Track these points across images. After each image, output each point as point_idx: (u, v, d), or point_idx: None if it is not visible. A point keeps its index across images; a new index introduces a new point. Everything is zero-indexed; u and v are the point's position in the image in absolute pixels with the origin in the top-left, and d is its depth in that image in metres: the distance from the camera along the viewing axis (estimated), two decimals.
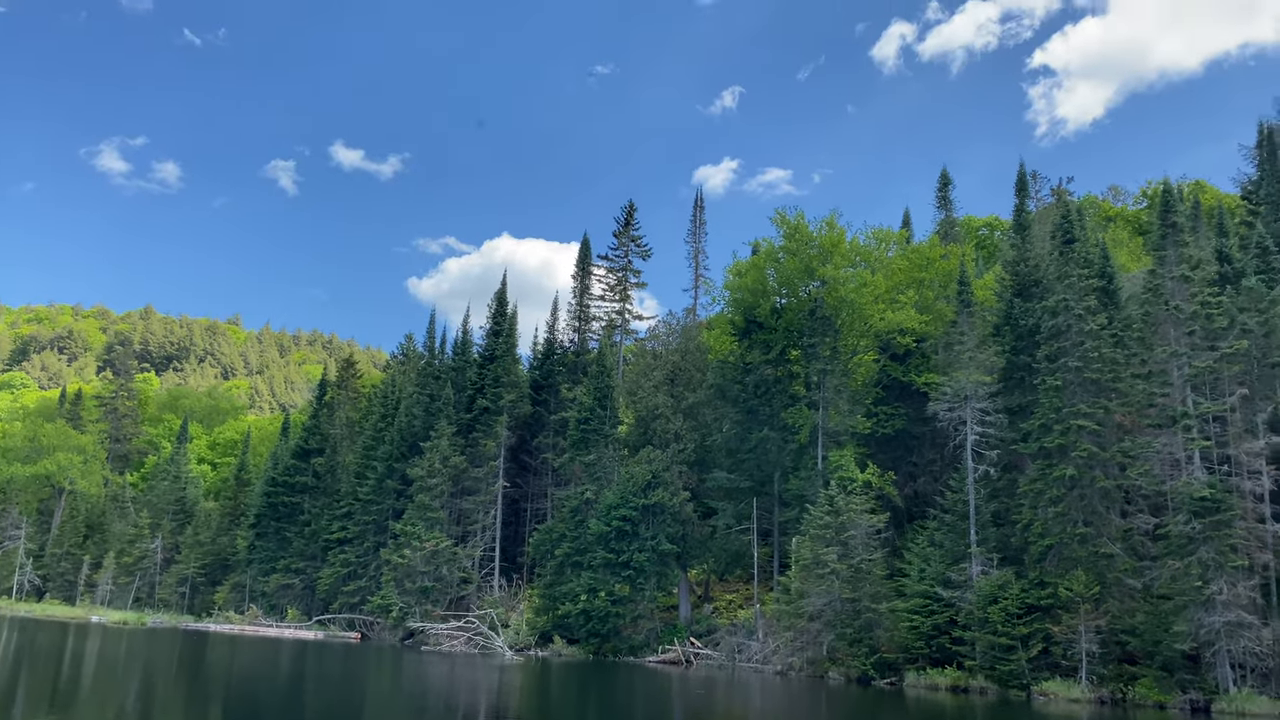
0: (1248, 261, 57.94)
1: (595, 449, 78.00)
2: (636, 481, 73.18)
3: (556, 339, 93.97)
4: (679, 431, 76.91)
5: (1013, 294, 66.20)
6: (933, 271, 74.08)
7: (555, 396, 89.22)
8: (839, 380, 68.18)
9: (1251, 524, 48.33)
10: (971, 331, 60.33)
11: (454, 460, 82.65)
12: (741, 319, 75.13)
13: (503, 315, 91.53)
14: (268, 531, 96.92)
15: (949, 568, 55.89)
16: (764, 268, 75.11)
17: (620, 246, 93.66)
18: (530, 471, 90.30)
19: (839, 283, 69.71)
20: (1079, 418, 52.44)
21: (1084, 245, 64.53)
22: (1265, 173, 70.11)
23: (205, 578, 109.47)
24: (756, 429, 72.27)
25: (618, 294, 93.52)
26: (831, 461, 66.48)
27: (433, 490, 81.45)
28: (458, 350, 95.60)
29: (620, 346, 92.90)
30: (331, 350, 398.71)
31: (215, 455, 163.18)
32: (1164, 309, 51.52)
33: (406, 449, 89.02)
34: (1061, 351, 55.48)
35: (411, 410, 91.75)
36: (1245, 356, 50.61)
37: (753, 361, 73.89)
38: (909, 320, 69.08)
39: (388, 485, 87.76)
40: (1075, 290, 55.98)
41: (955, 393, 58.30)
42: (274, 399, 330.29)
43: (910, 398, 71.86)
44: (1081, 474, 51.95)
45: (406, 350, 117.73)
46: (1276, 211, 66.22)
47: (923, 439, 72.08)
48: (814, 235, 72.51)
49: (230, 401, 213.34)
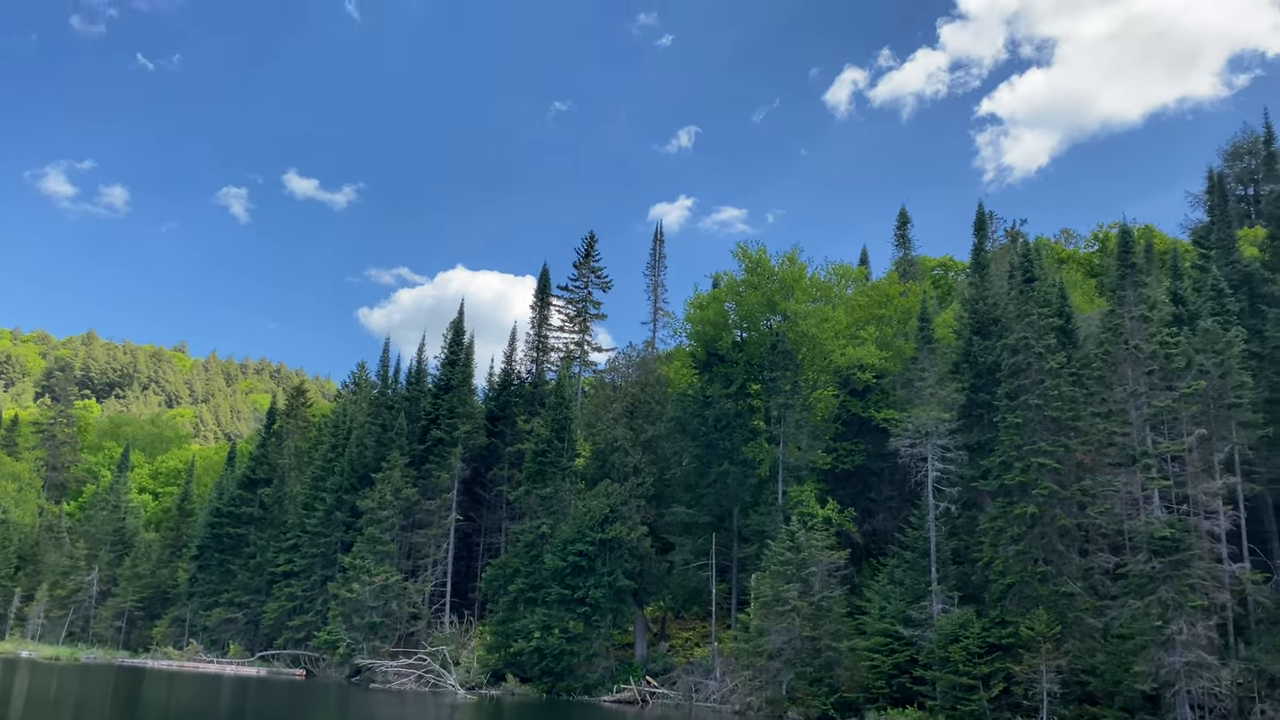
0: (1202, 304, 58.74)
1: (552, 482, 76.73)
2: (594, 515, 71.96)
3: (514, 369, 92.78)
4: (638, 465, 75.94)
5: (971, 332, 66.54)
6: (892, 308, 74.39)
7: (512, 428, 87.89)
8: (800, 415, 67.84)
9: (1210, 564, 48.49)
10: (933, 368, 60.39)
11: (406, 492, 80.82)
12: (703, 352, 74.64)
13: (459, 344, 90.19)
14: (211, 564, 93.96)
15: (910, 606, 55.39)
16: (725, 301, 74.88)
17: (580, 277, 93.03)
18: (484, 505, 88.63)
19: (800, 317, 69.56)
20: (1040, 455, 52.47)
21: (1043, 285, 65.13)
22: (1216, 218, 71.43)
23: (143, 611, 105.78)
24: (716, 463, 71.52)
25: (577, 325, 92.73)
26: (792, 496, 65.93)
27: (383, 523, 79.48)
28: (412, 380, 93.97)
29: (579, 378, 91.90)
30: (280, 380, 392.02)
31: (157, 485, 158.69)
32: (1123, 348, 51.90)
33: (357, 480, 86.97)
34: (1022, 389, 55.61)
35: (363, 440, 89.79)
36: (1203, 397, 51.07)
37: (713, 395, 73.28)
38: (869, 356, 69.07)
39: (337, 517, 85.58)
40: (1035, 329, 56.26)
41: (917, 429, 58.15)
42: (219, 428, 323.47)
43: (869, 434, 71.72)
44: (1042, 512, 51.87)
45: (358, 379, 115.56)
46: (1228, 255, 67.37)
47: (881, 475, 71.86)
48: (775, 270, 72.49)
49: (174, 430, 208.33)
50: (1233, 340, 52.53)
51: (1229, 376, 51.69)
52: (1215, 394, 51.64)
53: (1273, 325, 57.15)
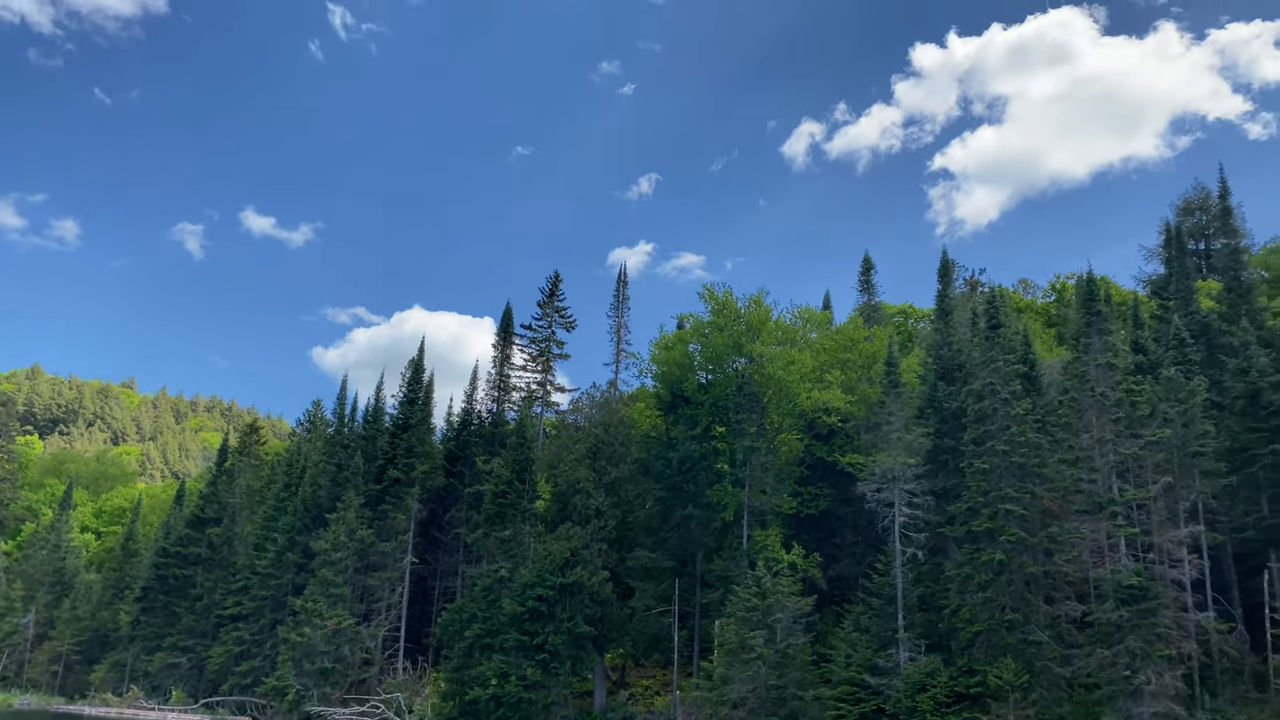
0: (1164, 353, 59.32)
1: (512, 524, 75.11)
2: (554, 559, 70.48)
3: (474, 409, 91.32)
4: (600, 507, 74.67)
5: (936, 377, 66.67)
6: (857, 353, 74.37)
7: (470, 469, 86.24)
8: (765, 458, 67.23)
9: (1176, 613, 48.40)
10: (900, 412, 60.21)
11: (361, 533, 78.75)
12: (668, 393, 73.98)
13: (418, 383, 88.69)
14: (155, 606, 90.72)
15: (876, 654, 54.67)
16: (691, 342, 74.45)
17: (544, 316, 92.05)
18: (440, 547, 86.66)
19: (766, 359, 69.25)
20: (1006, 502, 52.31)
21: (1008, 331, 65.51)
22: (1175, 270, 72.64)
23: (81, 656, 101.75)
24: (680, 506, 70.56)
25: (540, 365, 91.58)
26: (757, 541, 65.14)
27: (337, 565, 77.25)
28: (369, 418, 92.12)
29: (540, 419, 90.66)
30: (231, 418, 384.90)
31: (101, 524, 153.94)
32: (1089, 395, 52.07)
33: (310, 520, 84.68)
34: (988, 435, 55.59)
35: (317, 480, 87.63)
36: (1167, 445, 51.31)
37: (678, 436, 72.49)
38: (835, 400, 68.83)
39: (288, 558, 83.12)
40: (1000, 374, 56.41)
41: (884, 473, 57.79)
42: (167, 467, 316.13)
43: (834, 478, 71.31)
44: (1010, 559, 51.60)
45: (314, 417, 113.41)
46: (1186, 306, 68.39)
47: (845, 520, 71.39)
48: (742, 312, 72.30)
49: (120, 468, 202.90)
50: (1195, 389, 52.99)
51: (1192, 425, 52.06)
52: (1179, 442, 51.95)
53: (1232, 376, 57.80)
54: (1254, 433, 54.54)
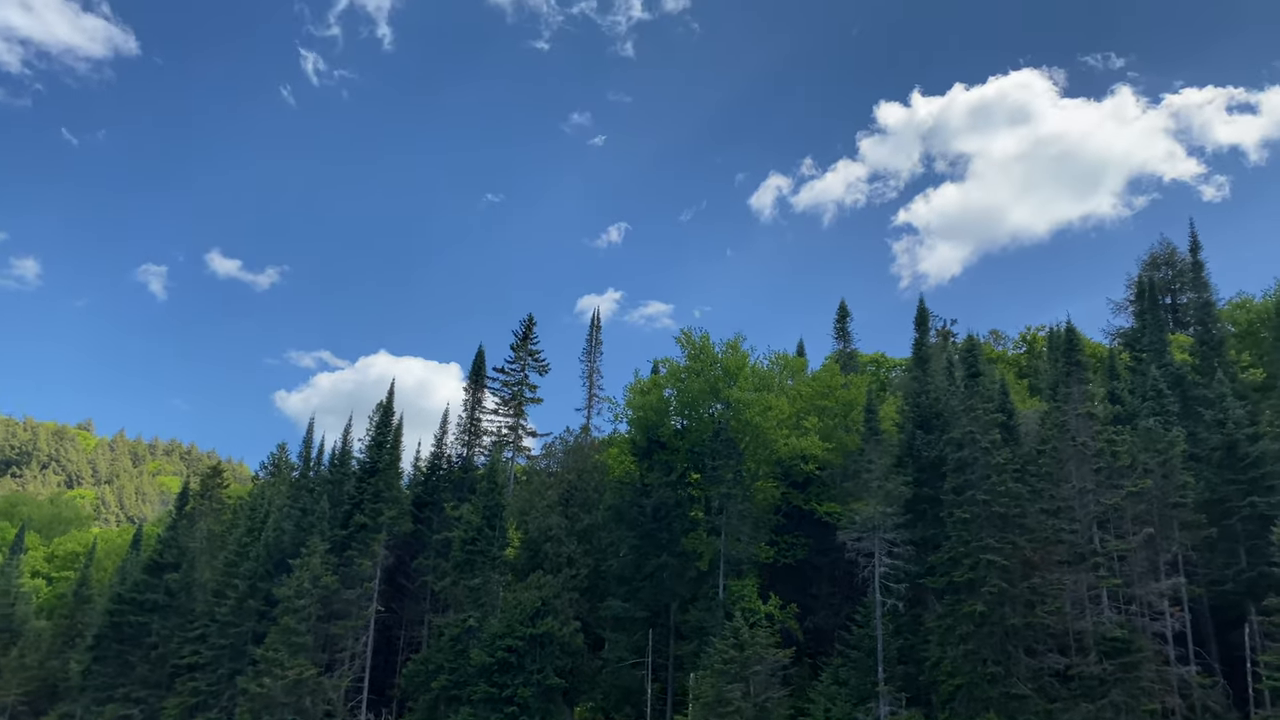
0: (1140, 404, 59.37)
1: (481, 572, 73.46)
2: (524, 608, 68.94)
3: (444, 453, 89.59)
4: (572, 555, 73.28)
5: (914, 425, 66.21)
6: (834, 400, 74.00)
7: (439, 515, 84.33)
8: (742, 506, 66.31)
9: (1159, 666, 47.81)
10: (880, 460, 59.62)
11: (325, 580, 76.45)
12: (643, 438, 73.04)
13: (387, 426, 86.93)
14: (108, 654, 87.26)
15: (856, 707, 53.54)
16: (666, 387, 73.75)
17: (517, 360, 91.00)
18: (407, 595, 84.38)
19: (744, 405, 68.66)
20: (988, 552, 51.66)
21: (986, 380, 65.37)
22: (1148, 323, 73.14)
23: (28, 707, 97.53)
24: (654, 555, 69.37)
25: (512, 409, 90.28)
26: (733, 591, 64.01)
27: (300, 612, 74.83)
28: (335, 462, 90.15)
29: (511, 464, 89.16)
30: (190, 461, 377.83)
31: (53, 569, 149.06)
32: (1070, 444, 51.79)
33: (273, 566, 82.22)
34: (968, 484, 55.09)
35: (281, 525, 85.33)
36: (1147, 496, 51.06)
37: (652, 483, 71.45)
38: (813, 447, 68.22)
39: (250, 605, 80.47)
40: (980, 423, 56.09)
41: (864, 522, 57.03)
42: (122, 511, 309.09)
43: (810, 527, 70.45)
44: (991, 611, 50.83)
45: (278, 461, 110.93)
46: (1160, 358, 68.74)
47: (822, 570, 70.36)
48: (719, 357, 71.80)
49: (75, 511, 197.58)
50: (1174, 440, 52.94)
51: (1172, 476, 51.92)
52: (1159, 493, 51.73)
53: (1209, 427, 57.93)
54: (1232, 485, 54.52)
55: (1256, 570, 51.97)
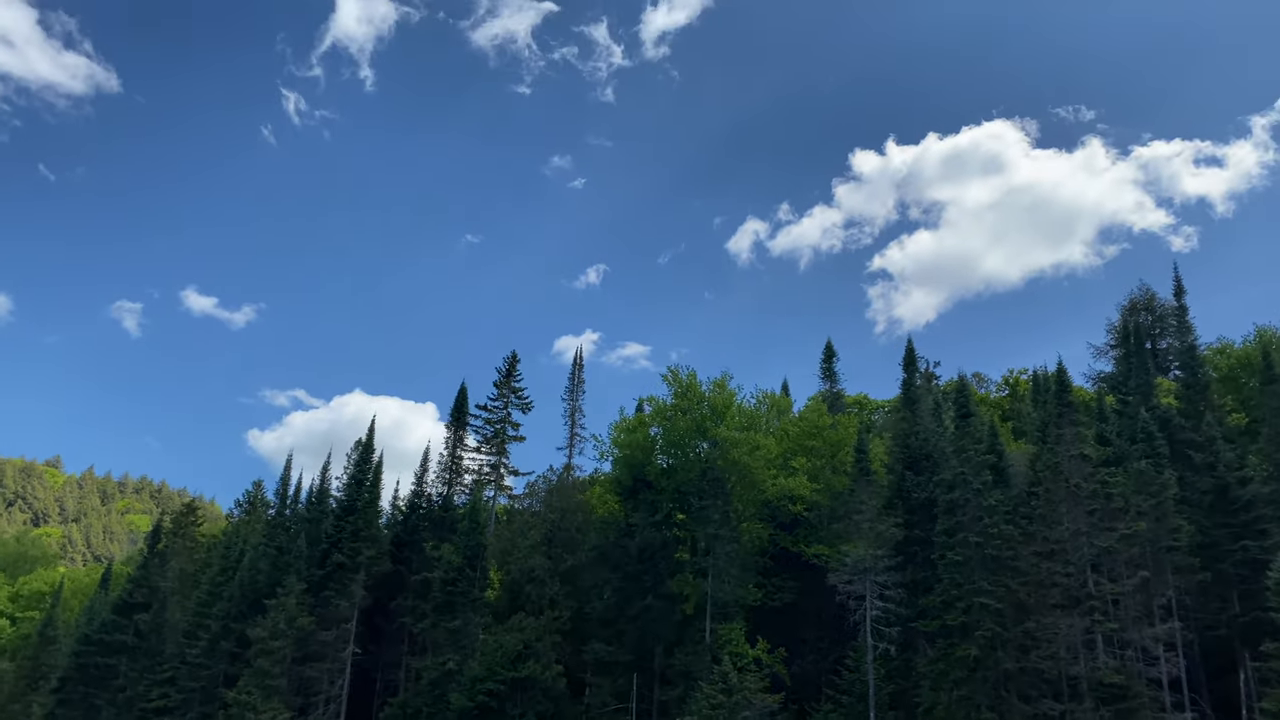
0: (1129, 447, 59.08)
1: (462, 614, 71.92)
2: (506, 651, 67.49)
3: (424, 492, 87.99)
4: (555, 597, 71.82)
5: (904, 467, 65.69)
6: (821, 440, 73.40)
7: (419, 554, 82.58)
8: (730, 547, 65.31)
9: (1155, 713, 47.08)
10: (871, 501, 58.94)
11: (301, 621, 74.50)
12: (628, 477, 72.10)
13: (367, 463, 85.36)
14: (73, 698, 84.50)
15: None
16: (653, 425, 73.03)
17: (500, 397, 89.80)
18: (384, 637, 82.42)
19: (731, 444, 67.90)
20: (981, 595, 50.96)
21: (977, 421, 65.03)
22: (1134, 365, 73.19)
23: None
24: (639, 597, 68.13)
25: (494, 447, 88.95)
26: (720, 635, 62.88)
27: (274, 654, 72.81)
28: (313, 500, 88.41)
29: (493, 503, 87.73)
30: (161, 500, 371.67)
31: (17, 609, 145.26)
32: (1064, 486, 51.36)
33: (247, 607, 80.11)
34: (959, 526, 54.50)
35: (257, 564, 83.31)
36: (1141, 539, 50.62)
37: (638, 523, 70.39)
38: (801, 487, 67.52)
39: (222, 647, 78.30)
40: (972, 464, 55.64)
41: (855, 565, 56.21)
42: (89, 550, 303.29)
43: (797, 569, 69.55)
44: (985, 655, 50.02)
45: (253, 499, 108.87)
46: (1147, 401, 68.68)
47: (809, 613, 69.38)
48: (705, 395, 71.19)
49: (40, 549, 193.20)
50: (1166, 483, 52.62)
51: (1165, 519, 51.52)
52: (1151, 536, 51.31)
53: (1199, 471, 57.71)
54: (1223, 528, 54.22)
55: (1250, 615, 51.50)
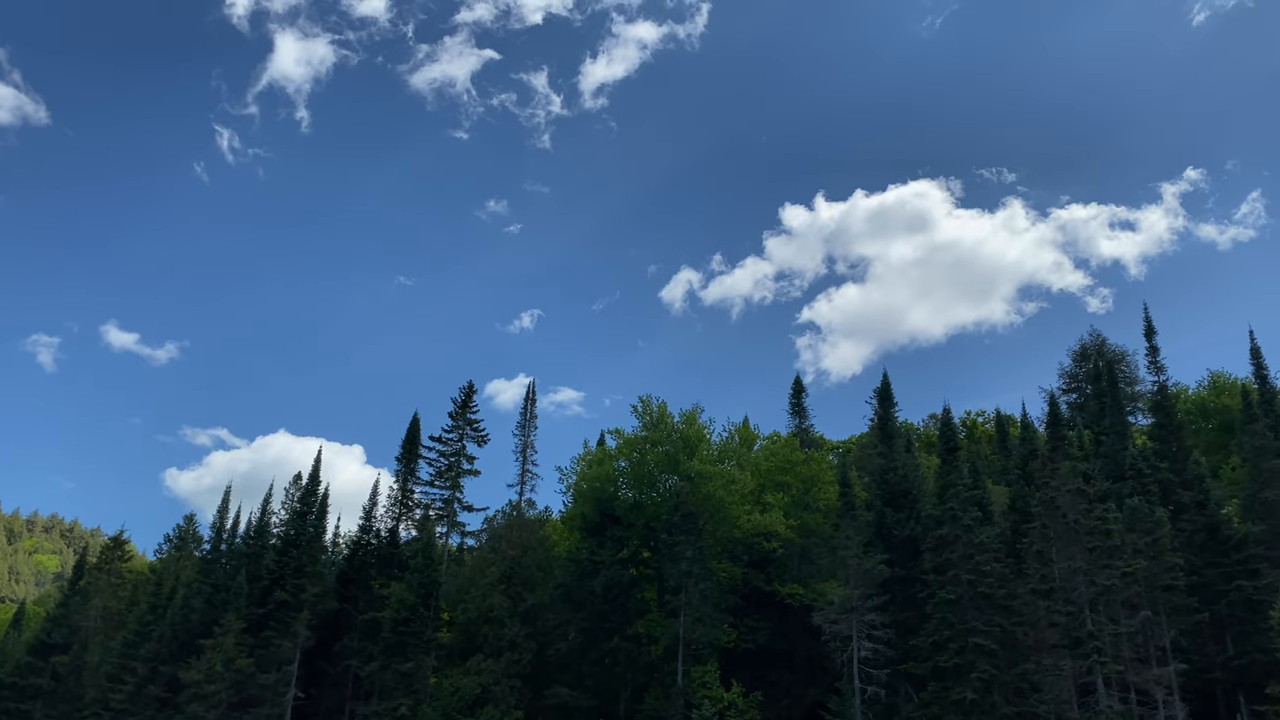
0: (1111, 485, 57.79)
1: (414, 655, 67.64)
2: (463, 695, 63.50)
3: (372, 527, 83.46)
4: (514, 638, 67.92)
5: (883, 503, 63.74)
6: (794, 475, 71.14)
7: (366, 593, 77.97)
8: (704, 585, 62.34)
9: None
10: (856, 537, 56.66)
11: (240, 663, 69.43)
12: (594, 512, 68.86)
13: (313, 495, 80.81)
14: None
15: None
16: (620, 459, 70.08)
17: (455, 428, 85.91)
18: (327, 681, 77.27)
19: (705, 478, 65.22)
20: (976, 635, 48.82)
21: (963, 457, 63.32)
22: (1107, 405, 72.51)
23: None
24: (605, 638, 64.81)
25: (448, 481, 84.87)
26: (694, 678, 59.67)
27: (209, 699, 67.50)
28: (251, 535, 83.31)
29: (446, 540, 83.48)
30: (72, 540, 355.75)
31: None
32: (1061, 521, 49.67)
33: (178, 648, 74.60)
34: (949, 563, 52.48)
35: (190, 602, 77.87)
36: (1138, 578, 49.07)
37: (603, 560, 67.12)
38: (776, 524, 65.03)
39: (150, 691, 72.56)
40: (960, 500, 53.80)
41: (842, 603, 53.71)
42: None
43: (770, 609, 66.85)
44: (981, 698, 47.74)
45: (184, 533, 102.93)
46: (1122, 440, 67.84)
47: (781, 656, 66.62)
48: (677, 426, 68.58)
49: None
50: (1161, 519, 51.31)
51: (1161, 557, 50.10)
52: (1148, 575, 49.82)
53: (1191, 510, 56.64)
54: (1214, 568, 53.05)
55: (1247, 657, 50.16)
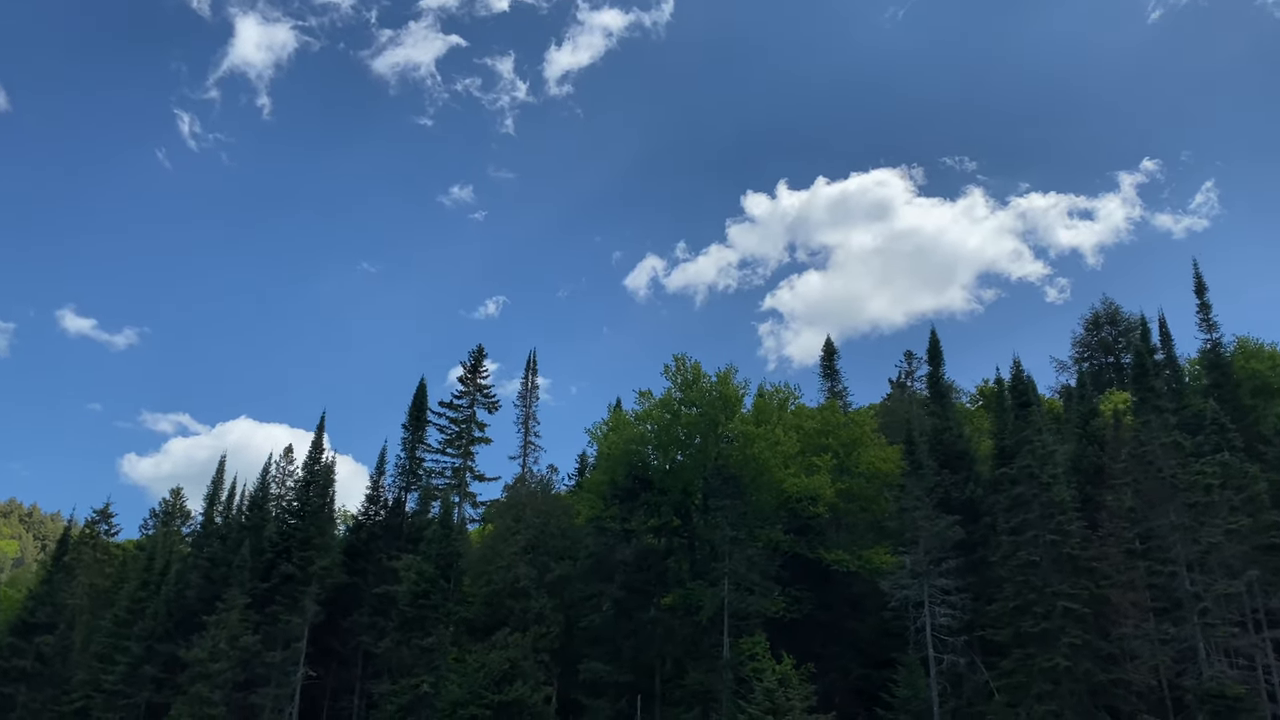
0: (1197, 441, 54.49)
1: (435, 630, 63.38)
2: (490, 671, 59.25)
3: (380, 497, 78.76)
4: (543, 610, 63.88)
5: (940, 465, 60.10)
6: (835, 438, 67.37)
7: (376, 566, 73.52)
8: (750, 550, 58.45)
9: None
10: (925, 497, 52.96)
11: (245, 640, 64.82)
12: (625, 478, 64.74)
13: (317, 461, 76.09)
14: None
15: None
16: (649, 421, 65.99)
17: (466, 394, 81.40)
18: (336, 659, 72.86)
19: (748, 439, 61.23)
20: (1064, 599, 45.31)
21: (1036, 412, 59.49)
22: (1157, 367, 69.16)
23: None
24: (641, 609, 60.97)
25: (459, 449, 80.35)
26: (742, 649, 55.84)
27: (214, 678, 62.77)
28: (254, 504, 78.54)
29: (460, 509, 79.03)
30: (32, 525, 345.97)
31: None
32: (1155, 477, 46.21)
33: (174, 625, 69.96)
34: (1026, 524, 48.93)
35: (186, 577, 73.16)
36: (1239, 535, 45.78)
37: (636, 528, 63.13)
38: (823, 487, 61.21)
39: (145, 671, 67.84)
40: (1037, 456, 50.23)
41: (913, 568, 50.06)
42: None
43: (814, 578, 63.16)
44: (1074, 665, 44.27)
45: (172, 508, 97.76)
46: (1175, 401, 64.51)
47: (825, 626, 62.96)
48: (714, 386, 64.58)
49: None
50: (1255, 475, 48.06)
51: (1260, 514, 46.83)
52: (1249, 532, 46.55)
53: (1267, 466, 53.45)
54: None
55: None
